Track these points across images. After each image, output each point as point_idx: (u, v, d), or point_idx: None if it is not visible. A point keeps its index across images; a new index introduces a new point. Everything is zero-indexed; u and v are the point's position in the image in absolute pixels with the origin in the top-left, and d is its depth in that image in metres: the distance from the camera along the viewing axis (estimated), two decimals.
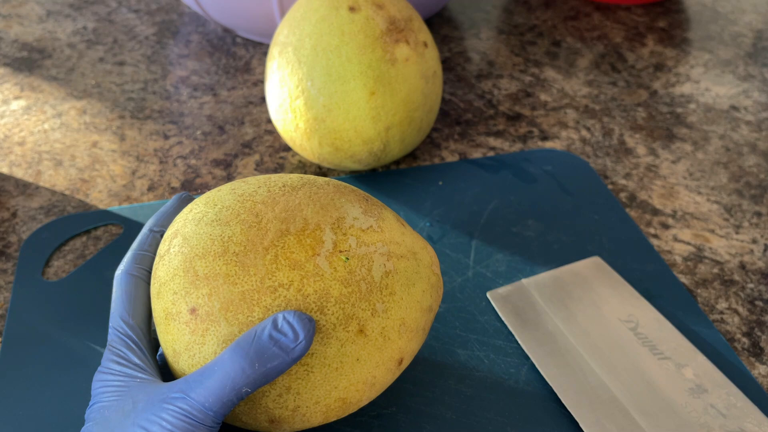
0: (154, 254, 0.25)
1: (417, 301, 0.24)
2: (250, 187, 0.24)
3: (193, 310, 0.21)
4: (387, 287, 0.23)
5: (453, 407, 0.28)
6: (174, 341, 0.22)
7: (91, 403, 0.22)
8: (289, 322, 0.21)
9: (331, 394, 0.22)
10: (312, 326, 0.21)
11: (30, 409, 0.27)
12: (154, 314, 0.23)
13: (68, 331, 0.30)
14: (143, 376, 0.22)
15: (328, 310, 0.22)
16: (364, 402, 0.24)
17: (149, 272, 0.25)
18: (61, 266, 0.34)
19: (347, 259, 0.22)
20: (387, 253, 0.23)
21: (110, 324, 0.24)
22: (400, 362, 0.24)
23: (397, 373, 0.24)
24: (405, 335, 0.23)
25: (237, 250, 0.22)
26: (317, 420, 0.23)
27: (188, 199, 0.27)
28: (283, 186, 0.24)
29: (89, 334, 0.30)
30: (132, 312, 0.24)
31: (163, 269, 0.23)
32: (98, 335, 0.30)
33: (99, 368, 0.23)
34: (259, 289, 0.21)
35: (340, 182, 0.25)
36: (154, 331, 0.25)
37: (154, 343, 0.24)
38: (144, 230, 0.26)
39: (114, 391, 0.22)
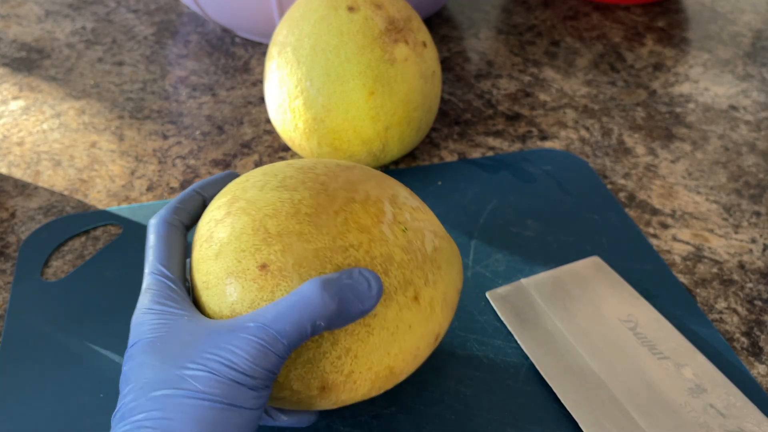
0: (192, 213, 0.26)
1: (454, 280, 0.26)
2: (306, 163, 0.25)
3: (263, 266, 0.22)
4: (435, 261, 0.24)
5: (452, 407, 0.28)
6: (236, 301, 0.22)
7: (131, 342, 0.22)
8: (365, 276, 0.22)
9: (383, 360, 0.23)
10: (381, 283, 0.22)
11: (29, 409, 0.27)
12: (205, 277, 0.23)
13: (67, 331, 0.30)
14: (191, 314, 0.22)
15: (392, 273, 0.23)
16: (405, 375, 0.25)
17: (186, 226, 0.25)
18: (60, 266, 0.34)
19: (405, 230, 0.24)
20: (433, 232, 0.25)
21: (148, 270, 0.23)
22: (437, 338, 0.25)
23: (431, 350, 0.26)
24: (445, 310, 0.25)
25: (308, 212, 0.23)
26: (364, 389, 0.24)
27: (234, 176, 0.27)
28: (337, 165, 0.25)
29: (88, 334, 0.30)
30: (169, 259, 0.24)
31: (224, 230, 0.23)
32: (97, 335, 0.30)
33: (137, 311, 0.22)
34: (331, 247, 0.22)
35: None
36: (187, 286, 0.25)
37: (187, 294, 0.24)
38: (189, 190, 0.26)
39: (162, 326, 0.21)
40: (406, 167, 0.40)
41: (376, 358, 0.23)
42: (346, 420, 0.27)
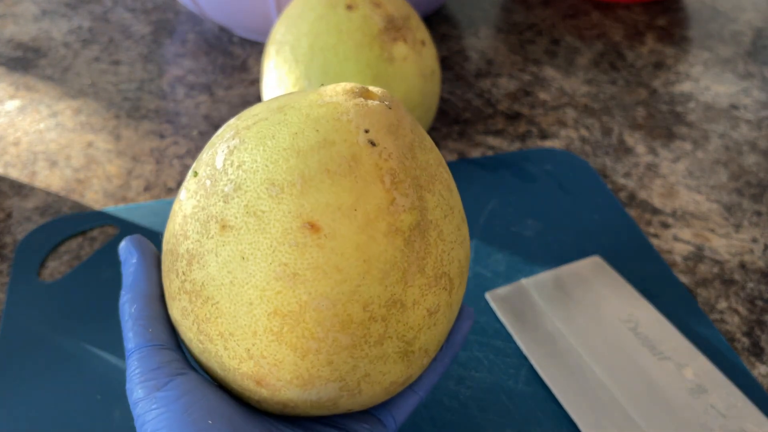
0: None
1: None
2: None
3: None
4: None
5: (452, 408, 0.27)
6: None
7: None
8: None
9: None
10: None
11: (26, 410, 0.27)
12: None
13: (64, 332, 0.30)
14: (206, 389, 0.19)
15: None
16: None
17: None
18: (56, 267, 0.34)
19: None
20: None
21: (132, 344, 0.20)
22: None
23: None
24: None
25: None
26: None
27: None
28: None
29: (85, 334, 0.30)
30: (153, 319, 0.21)
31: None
32: (94, 336, 0.30)
33: (137, 401, 0.18)
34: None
35: None
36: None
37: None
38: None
39: (184, 419, 0.18)
40: None
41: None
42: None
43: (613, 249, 0.35)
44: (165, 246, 0.21)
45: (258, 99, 0.46)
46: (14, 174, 0.40)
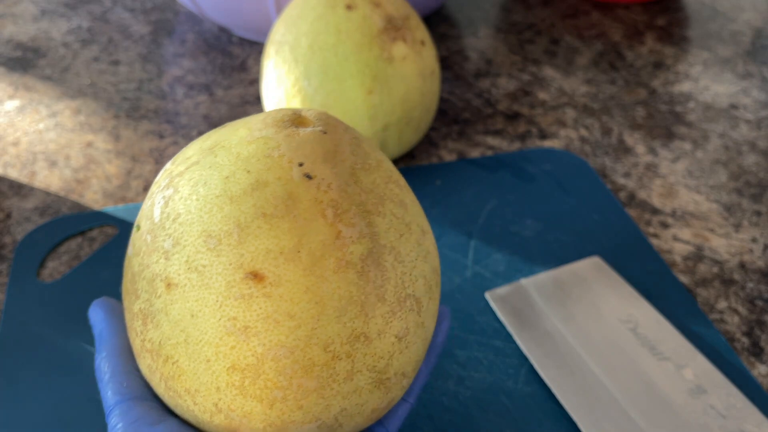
0: None
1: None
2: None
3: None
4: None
5: (451, 409, 0.27)
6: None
7: None
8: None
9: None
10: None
11: (25, 411, 0.27)
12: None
13: (63, 332, 0.30)
14: None
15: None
16: None
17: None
18: (56, 267, 0.34)
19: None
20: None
21: (111, 401, 0.20)
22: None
23: None
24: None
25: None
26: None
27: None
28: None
29: (84, 335, 0.30)
30: (128, 374, 0.21)
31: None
32: (93, 336, 0.30)
33: None
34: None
35: None
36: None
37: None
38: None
39: None
40: (404, 167, 0.40)
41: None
42: None
43: (613, 249, 0.35)
44: (123, 302, 0.20)
45: (257, 99, 0.46)
46: (13, 174, 0.40)
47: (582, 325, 0.30)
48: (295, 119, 0.19)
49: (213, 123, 0.44)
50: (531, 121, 0.44)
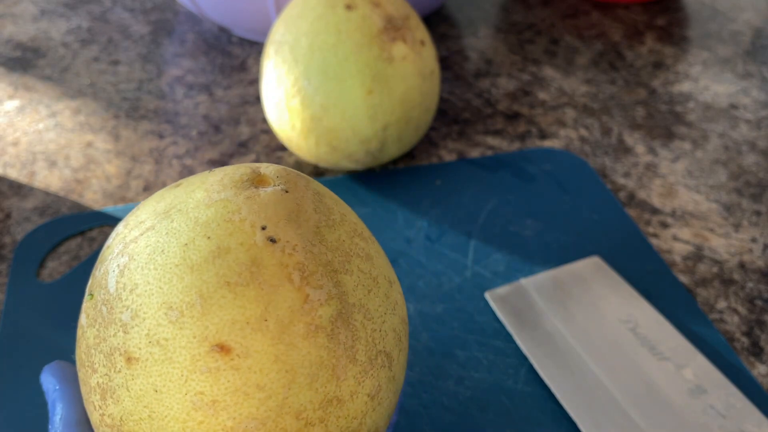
0: None
1: None
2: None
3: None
4: None
5: (451, 409, 0.27)
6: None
7: None
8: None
9: None
10: None
11: (24, 411, 0.27)
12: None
13: (63, 332, 0.30)
14: None
15: None
16: None
17: None
18: (55, 267, 0.34)
19: None
20: None
21: None
22: None
23: None
24: None
25: None
26: None
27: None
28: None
29: None
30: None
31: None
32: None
33: None
34: None
35: None
36: None
37: None
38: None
39: None
40: (404, 167, 0.40)
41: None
42: None
43: (613, 249, 0.35)
44: (78, 371, 0.19)
45: (257, 99, 0.46)
46: (13, 174, 0.40)
47: (582, 325, 0.30)
48: (254, 178, 0.18)
49: (213, 123, 0.44)
50: (531, 121, 0.44)
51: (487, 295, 0.32)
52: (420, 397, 0.28)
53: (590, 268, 0.33)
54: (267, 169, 0.19)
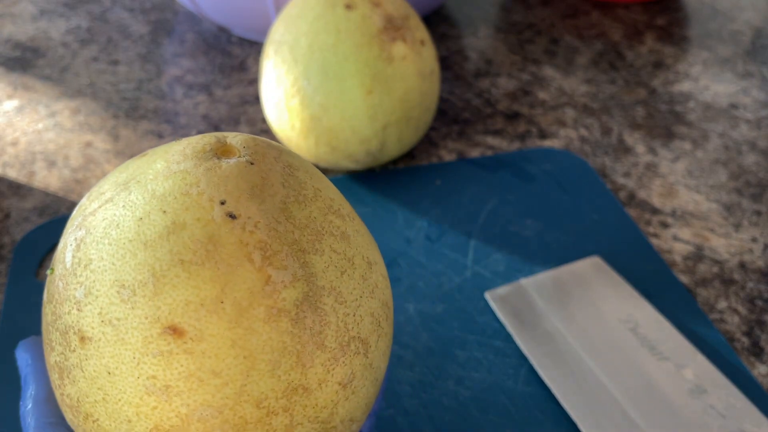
0: None
1: None
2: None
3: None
4: None
5: (451, 409, 0.27)
6: None
7: None
8: None
9: None
10: None
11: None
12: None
13: None
14: None
15: None
16: None
17: None
18: None
19: None
20: None
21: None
22: None
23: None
24: None
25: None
26: None
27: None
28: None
29: None
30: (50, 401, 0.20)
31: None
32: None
33: None
34: None
35: None
36: None
37: None
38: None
39: None
40: (404, 166, 0.40)
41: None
42: None
43: (613, 249, 0.34)
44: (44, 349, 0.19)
45: (257, 98, 0.46)
46: (12, 174, 0.40)
47: (582, 325, 0.30)
48: (218, 149, 0.17)
49: (212, 123, 0.44)
50: (531, 121, 0.44)
51: (487, 295, 0.32)
52: (420, 397, 0.28)
53: (590, 268, 0.33)
54: (234, 138, 0.18)
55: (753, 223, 0.37)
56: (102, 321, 0.16)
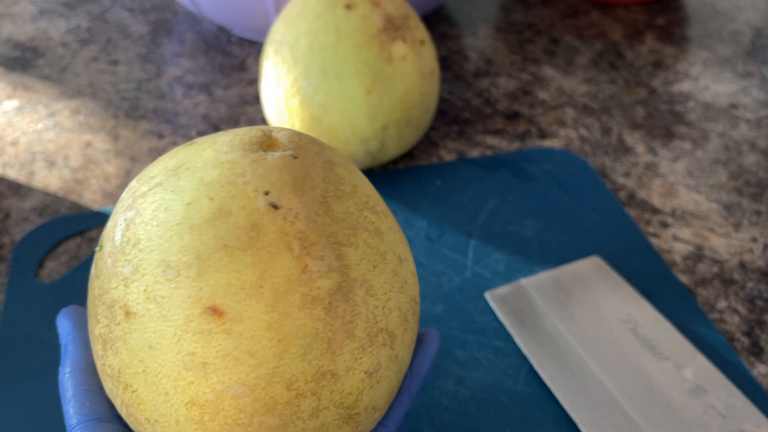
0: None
1: None
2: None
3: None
4: None
5: (451, 409, 0.27)
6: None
7: None
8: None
9: None
10: None
11: (23, 411, 0.27)
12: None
13: None
14: None
15: None
16: None
17: None
18: (55, 268, 0.34)
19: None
20: None
21: (74, 420, 0.19)
22: None
23: None
24: None
25: None
26: None
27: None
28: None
29: None
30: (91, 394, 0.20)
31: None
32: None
33: None
34: None
35: None
36: None
37: None
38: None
39: None
40: (404, 166, 0.40)
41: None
42: None
43: (613, 249, 0.34)
44: (88, 321, 0.20)
45: (256, 98, 0.46)
46: (12, 174, 0.40)
47: (582, 325, 0.30)
48: (264, 141, 0.18)
49: (212, 123, 0.44)
50: (531, 121, 0.44)
51: (487, 295, 0.32)
52: (420, 397, 0.28)
53: (590, 268, 0.33)
54: (279, 132, 0.19)
55: (753, 223, 0.37)
56: (147, 298, 0.17)
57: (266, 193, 0.17)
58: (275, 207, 0.17)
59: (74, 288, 0.32)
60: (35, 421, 0.27)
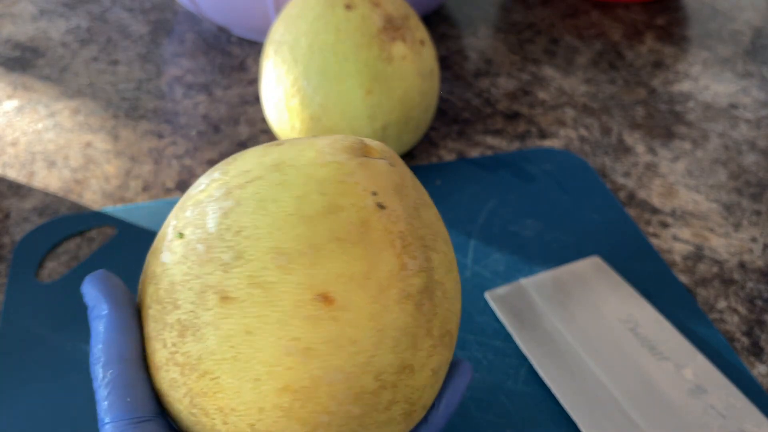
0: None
1: None
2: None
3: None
4: None
5: None
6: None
7: None
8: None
9: None
10: None
11: (25, 410, 0.27)
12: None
13: (62, 333, 0.30)
14: None
15: None
16: None
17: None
18: (54, 268, 0.34)
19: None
20: None
21: (106, 417, 0.18)
22: None
23: None
24: None
25: None
26: None
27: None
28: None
29: (83, 335, 0.30)
30: (134, 386, 0.19)
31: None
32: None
33: None
34: None
35: None
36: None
37: None
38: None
39: None
40: None
41: None
42: None
43: (613, 249, 0.34)
44: (146, 309, 0.19)
45: (256, 98, 0.46)
46: (12, 174, 0.40)
47: (582, 325, 0.30)
48: (363, 148, 0.19)
49: (212, 123, 0.44)
50: (531, 121, 0.44)
51: (487, 295, 0.32)
52: None
53: (590, 268, 0.33)
54: (372, 143, 0.20)
55: (753, 223, 0.37)
56: (251, 283, 0.17)
57: (374, 194, 0.18)
58: (382, 207, 0.18)
59: (74, 288, 0.32)
60: (35, 421, 0.27)
